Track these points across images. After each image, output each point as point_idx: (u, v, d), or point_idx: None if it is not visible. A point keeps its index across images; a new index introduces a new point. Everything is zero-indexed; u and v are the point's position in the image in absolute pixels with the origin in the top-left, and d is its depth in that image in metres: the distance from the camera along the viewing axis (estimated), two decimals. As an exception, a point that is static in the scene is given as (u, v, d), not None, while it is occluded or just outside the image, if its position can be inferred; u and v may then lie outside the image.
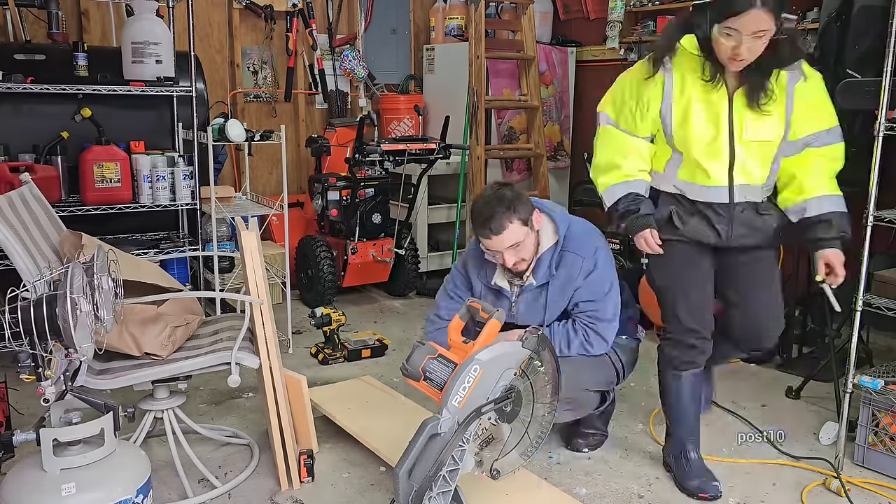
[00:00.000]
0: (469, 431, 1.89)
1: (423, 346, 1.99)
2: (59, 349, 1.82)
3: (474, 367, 1.89)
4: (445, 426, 1.88)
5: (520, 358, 1.94)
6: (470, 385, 1.89)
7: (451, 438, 1.87)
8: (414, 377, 1.96)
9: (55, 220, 2.55)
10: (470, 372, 1.88)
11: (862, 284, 2.62)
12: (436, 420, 1.88)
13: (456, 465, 1.90)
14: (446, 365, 1.96)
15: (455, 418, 1.88)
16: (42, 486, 1.87)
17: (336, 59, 5.23)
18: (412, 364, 1.96)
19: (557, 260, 2.46)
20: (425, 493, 1.86)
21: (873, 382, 2.57)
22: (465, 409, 1.88)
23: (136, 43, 3.66)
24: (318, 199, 4.42)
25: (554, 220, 2.50)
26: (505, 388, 1.93)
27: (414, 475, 1.86)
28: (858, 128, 3.37)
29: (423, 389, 1.98)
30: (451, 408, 1.88)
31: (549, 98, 5.35)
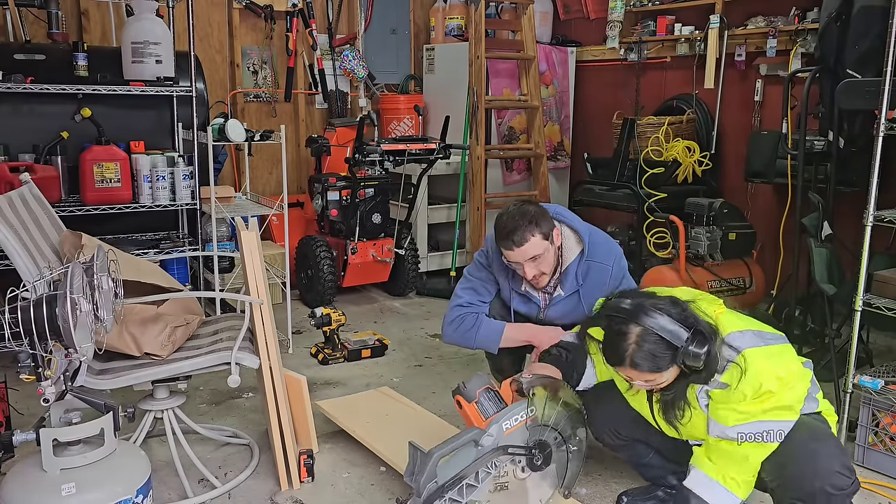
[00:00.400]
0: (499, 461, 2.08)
1: (482, 376, 2.23)
2: (59, 349, 1.82)
3: (530, 409, 2.13)
4: (487, 441, 2.05)
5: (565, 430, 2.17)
6: (520, 421, 2.12)
7: (485, 453, 2.04)
8: (468, 398, 2.16)
9: (55, 220, 2.55)
10: (525, 410, 2.13)
11: (862, 284, 2.62)
12: (482, 432, 2.06)
13: (475, 483, 2.05)
14: (497, 400, 2.18)
15: (496, 441, 2.06)
16: (42, 486, 1.87)
17: (336, 59, 5.23)
18: (471, 388, 2.16)
19: (584, 270, 2.55)
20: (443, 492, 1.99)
21: (873, 382, 2.57)
22: (508, 438, 2.09)
23: (136, 43, 3.66)
24: (318, 199, 4.42)
25: (577, 231, 2.59)
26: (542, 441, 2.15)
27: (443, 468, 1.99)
28: (858, 128, 3.38)
29: (471, 412, 2.16)
30: (497, 430, 2.07)
31: (549, 98, 5.35)
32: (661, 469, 2.35)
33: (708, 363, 1.87)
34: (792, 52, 4.11)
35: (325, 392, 3.24)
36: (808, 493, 1.89)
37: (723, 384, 1.91)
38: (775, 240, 4.16)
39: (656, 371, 1.90)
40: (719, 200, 4.01)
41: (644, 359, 1.88)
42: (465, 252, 5.03)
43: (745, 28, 4.38)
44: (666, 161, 4.33)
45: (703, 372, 1.89)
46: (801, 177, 3.52)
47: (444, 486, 1.98)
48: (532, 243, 2.41)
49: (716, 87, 4.54)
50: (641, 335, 1.88)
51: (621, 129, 4.57)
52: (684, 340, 1.84)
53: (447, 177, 5.04)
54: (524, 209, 2.46)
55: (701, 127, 4.65)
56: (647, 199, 4.20)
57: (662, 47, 4.88)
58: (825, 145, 3.52)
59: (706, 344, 1.85)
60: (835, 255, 3.16)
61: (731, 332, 1.94)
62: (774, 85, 4.35)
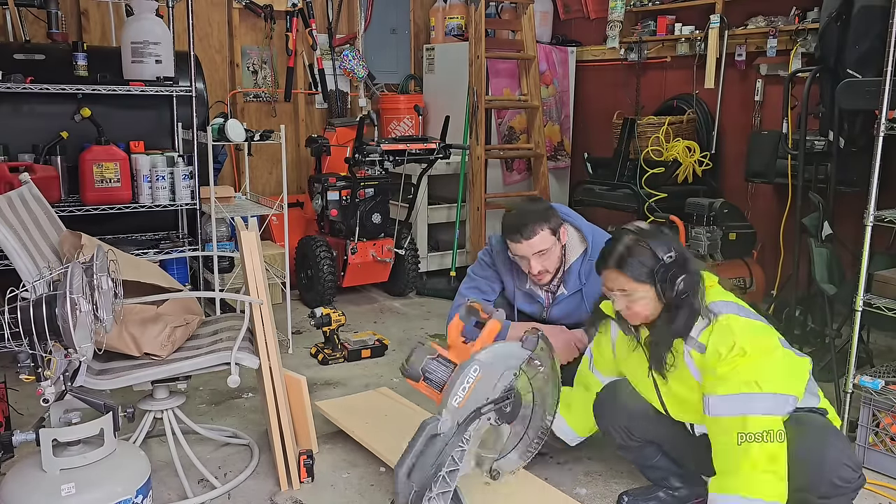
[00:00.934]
0: (469, 432, 1.89)
1: (422, 347, 1.99)
2: (58, 349, 1.82)
3: (474, 368, 1.88)
4: (445, 427, 1.87)
5: (520, 358, 1.94)
6: (470, 385, 1.88)
7: (450, 439, 1.86)
8: (413, 377, 1.96)
9: (55, 220, 2.55)
10: (470, 372, 1.88)
11: (862, 284, 2.62)
12: (435, 420, 1.87)
13: (455, 466, 1.89)
14: (446, 365, 1.96)
15: (455, 419, 1.87)
16: (42, 487, 1.87)
17: (336, 59, 5.23)
18: (412, 364, 1.96)
19: (587, 269, 2.57)
20: (425, 493, 1.85)
21: (873, 382, 2.57)
22: (465, 410, 1.88)
23: (136, 43, 3.66)
24: (318, 199, 4.42)
25: (580, 230, 2.63)
26: (505, 388, 1.93)
27: (413, 475, 1.86)
28: (858, 128, 3.38)
29: (423, 390, 1.98)
30: (451, 408, 1.87)
31: (549, 98, 5.35)
32: (666, 471, 2.34)
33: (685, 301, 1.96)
34: (792, 52, 4.10)
35: (325, 392, 3.24)
36: (815, 482, 1.91)
37: (700, 345, 1.98)
38: (775, 240, 4.16)
39: (635, 279, 1.98)
40: (719, 200, 4.01)
41: (627, 262, 1.99)
42: (465, 252, 5.03)
43: (746, 28, 4.38)
44: (666, 161, 4.33)
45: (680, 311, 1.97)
46: (802, 177, 3.52)
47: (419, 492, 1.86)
48: (541, 237, 2.46)
49: (716, 87, 4.54)
50: (633, 241, 2.01)
51: (621, 129, 4.57)
52: (668, 256, 1.96)
53: (447, 177, 5.04)
54: (533, 205, 2.54)
55: (701, 127, 4.65)
56: (647, 199, 4.20)
57: (662, 47, 4.88)
58: (825, 145, 3.52)
59: (684, 274, 1.96)
60: (835, 255, 3.16)
61: (716, 300, 2.02)
62: (774, 85, 4.35)
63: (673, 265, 1.96)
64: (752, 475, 1.88)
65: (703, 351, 1.98)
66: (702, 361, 1.99)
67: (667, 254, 1.97)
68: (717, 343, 1.94)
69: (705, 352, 1.97)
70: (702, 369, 2.00)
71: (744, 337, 1.93)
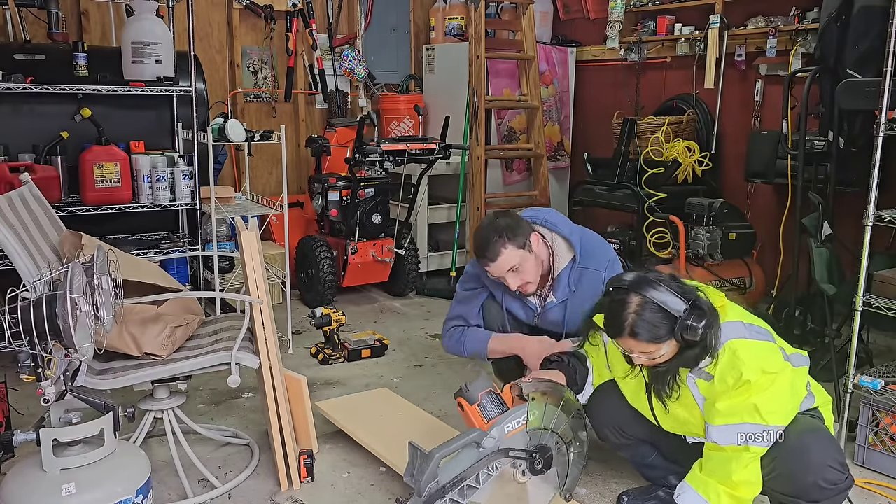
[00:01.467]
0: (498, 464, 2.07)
1: (484, 379, 2.22)
2: (58, 349, 1.82)
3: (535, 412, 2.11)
4: (488, 443, 2.04)
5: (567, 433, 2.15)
6: (521, 424, 2.10)
7: (486, 455, 2.04)
8: (470, 400, 2.15)
9: (55, 220, 2.55)
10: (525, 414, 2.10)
11: (862, 284, 2.62)
12: (484, 434, 2.05)
13: (476, 485, 2.05)
14: (499, 403, 2.17)
15: (498, 443, 2.06)
16: (42, 487, 1.87)
17: (336, 59, 5.23)
18: (473, 390, 2.16)
19: (576, 276, 2.56)
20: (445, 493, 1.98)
21: (873, 382, 2.57)
22: (508, 442, 2.08)
23: (136, 43, 3.66)
24: (318, 199, 4.42)
25: (567, 238, 2.59)
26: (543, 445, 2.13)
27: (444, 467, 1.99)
28: (858, 128, 3.38)
29: (472, 414, 2.15)
30: (499, 432, 2.06)
31: (549, 98, 5.35)
32: (663, 470, 2.34)
33: (704, 338, 1.88)
34: (792, 52, 4.11)
35: (325, 392, 3.24)
36: (801, 487, 1.90)
37: (707, 374, 1.94)
38: (775, 240, 4.16)
39: (655, 341, 1.90)
40: (719, 200, 4.01)
41: (643, 328, 1.89)
42: (465, 252, 5.03)
43: (745, 28, 4.38)
44: (666, 161, 4.33)
45: (698, 348, 1.90)
46: (801, 177, 3.52)
47: (445, 486, 1.98)
48: (505, 256, 2.43)
49: (716, 87, 4.54)
50: (641, 304, 1.89)
51: (621, 129, 4.57)
52: (682, 311, 1.87)
53: (447, 177, 5.04)
54: (495, 223, 2.47)
55: (701, 127, 4.65)
56: (647, 199, 4.20)
57: (662, 47, 4.88)
58: (825, 145, 3.52)
59: (704, 318, 1.87)
60: (835, 255, 3.16)
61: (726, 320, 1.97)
62: (774, 85, 4.35)
63: (690, 314, 1.87)
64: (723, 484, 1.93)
65: (709, 380, 1.94)
66: (708, 389, 1.96)
67: (682, 306, 1.88)
68: (724, 373, 1.91)
69: (712, 381, 1.93)
70: (706, 396, 1.97)
71: (750, 365, 1.88)
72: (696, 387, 1.99)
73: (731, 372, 1.90)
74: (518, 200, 5.21)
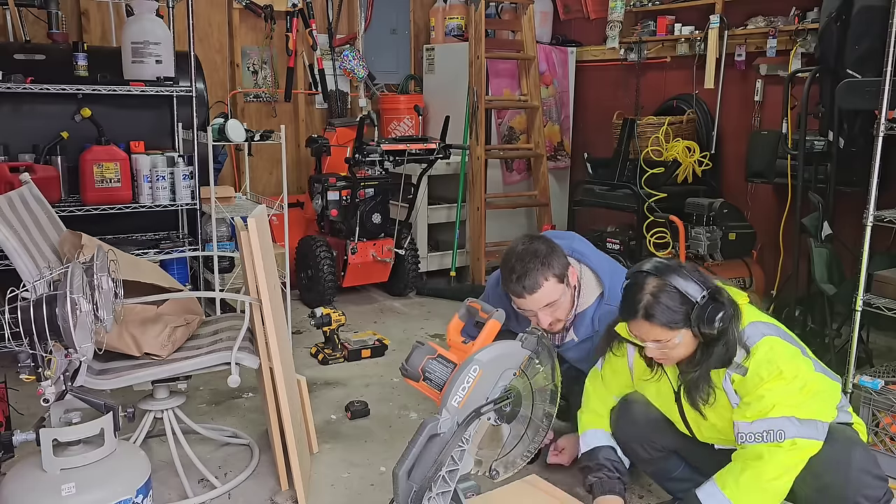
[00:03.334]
0: (468, 432, 1.88)
1: (422, 347, 1.98)
2: (58, 349, 1.82)
3: (473, 368, 1.87)
4: (445, 426, 1.87)
5: (519, 358, 1.93)
6: (469, 385, 1.87)
7: (450, 439, 1.86)
8: (413, 377, 1.95)
9: (55, 220, 2.55)
10: (469, 372, 1.87)
11: (862, 284, 2.62)
12: (435, 420, 1.86)
13: (455, 466, 1.89)
14: (446, 365, 1.95)
15: (454, 418, 1.87)
16: (42, 486, 1.87)
17: (336, 59, 5.23)
18: (411, 364, 1.94)
19: (602, 314, 2.29)
20: (425, 493, 1.85)
21: (873, 382, 2.57)
22: (465, 410, 1.87)
23: (136, 43, 3.66)
24: (318, 199, 4.42)
25: (596, 271, 2.33)
26: (504, 388, 1.92)
27: (413, 475, 1.85)
28: (858, 128, 3.38)
29: (423, 390, 1.97)
30: (451, 408, 1.86)
31: (549, 98, 5.35)
32: (690, 482, 2.19)
33: (724, 334, 1.83)
34: (792, 52, 4.11)
35: (325, 392, 3.24)
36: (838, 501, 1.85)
37: (742, 367, 1.87)
38: (775, 240, 4.16)
39: (669, 326, 1.85)
40: (719, 200, 4.01)
41: (658, 310, 1.84)
42: (465, 252, 5.03)
43: (745, 28, 4.38)
44: (666, 161, 4.33)
45: (719, 344, 1.84)
46: (801, 177, 3.52)
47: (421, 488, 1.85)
48: (546, 289, 2.17)
49: (716, 87, 4.54)
50: (659, 287, 1.86)
51: (621, 129, 4.57)
52: (701, 297, 1.82)
53: (447, 177, 5.04)
54: (534, 248, 2.19)
55: (701, 127, 4.65)
56: (647, 199, 4.20)
57: (662, 47, 4.88)
58: (825, 145, 3.52)
59: (722, 310, 1.82)
60: (835, 255, 3.16)
61: (755, 320, 1.91)
62: (774, 85, 4.35)
63: (708, 302, 1.83)
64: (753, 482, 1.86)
65: (744, 374, 1.88)
66: (741, 384, 1.90)
67: (700, 293, 1.83)
68: (758, 367, 1.86)
69: (746, 375, 1.88)
70: (740, 392, 1.92)
71: (785, 362, 1.85)
72: (730, 385, 1.93)
73: (767, 366, 1.84)
74: (518, 200, 5.21)
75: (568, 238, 2.42)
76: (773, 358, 1.85)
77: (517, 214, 5.29)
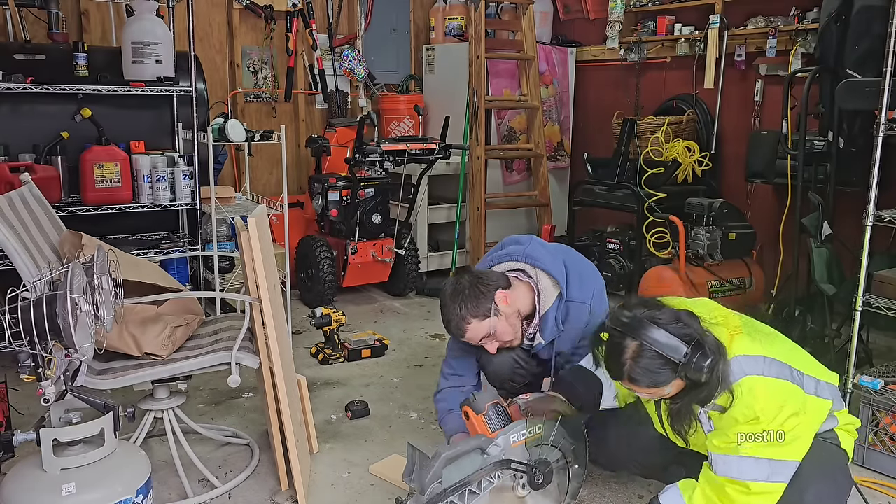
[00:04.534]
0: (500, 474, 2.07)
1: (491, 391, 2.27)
2: (59, 349, 1.82)
3: (539, 426, 2.12)
4: (493, 451, 2.05)
5: (569, 449, 2.18)
6: (529, 436, 2.11)
7: (489, 462, 2.05)
8: (477, 410, 2.15)
9: (55, 220, 2.55)
10: (534, 428, 2.12)
11: (862, 284, 2.62)
12: (490, 441, 2.06)
13: (477, 491, 2.04)
14: (504, 416, 2.18)
15: (503, 452, 2.06)
16: (42, 486, 1.87)
17: (336, 59, 5.23)
18: (480, 400, 2.17)
19: (563, 313, 2.35)
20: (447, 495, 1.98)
21: (873, 382, 2.57)
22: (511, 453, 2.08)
23: (136, 43, 3.66)
24: (318, 199, 4.42)
25: (550, 274, 2.35)
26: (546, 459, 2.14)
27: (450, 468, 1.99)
28: (858, 128, 3.38)
29: (478, 423, 2.15)
30: (505, 441, 2.07)
31: (549, 98, 5.35)
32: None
33: (711, 379, 1.81)
34: (792, 52, 4.11)
35: (325, 392, 3.24)
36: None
37: (719, 407, 1.87)
38: (775, 240, 4.16)
39: (655, 386, 1.86)
40: (719, 200, 4.01)
41: (641, 374, 1.84)
42: (465, 252, 5.03)
43: (745, 28, 4.38)
44: (666, 161, 4.34)
45: (705, 387, 1.83)
46: (801, 177, 3.52)
47: (447, 489, 1.97)
48: (472, 329, 2.27)
49: (716, 87, 4.54)
50: (638, 351, 1.83)
51: (621, 129, 4.57)
52: (683, 355, 1.79)
53: (447, 177, 5.04)
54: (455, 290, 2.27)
55: (701, 127, 4.65)
56: (647, 199, 4.20)
57: (662, 47, 4.88)
58: (825, 145, 3.52)
59: (709, 359, 1.79)
60: (835, 255, 3.17)
61: (739, 354, 1.88)
62: (774, 85, 4.35)
63: (692, 355, 1.79)
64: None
65: (722, 412, 1.88)
66: (718, 419, 1.91)
67: (682, 350, 1.79)
68: (736, 411, 1.84)
69: (724, 413, 1.87)
70: (717, 426, 1.93)
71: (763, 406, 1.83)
72: (707, 419, 1.94)
73: (744, 410, 1.83)
74: (518, 200, 5.21)
75: (525, 243, 2.43)
76: (750, 403, 1.83)
77: (517, 214, 5.29)
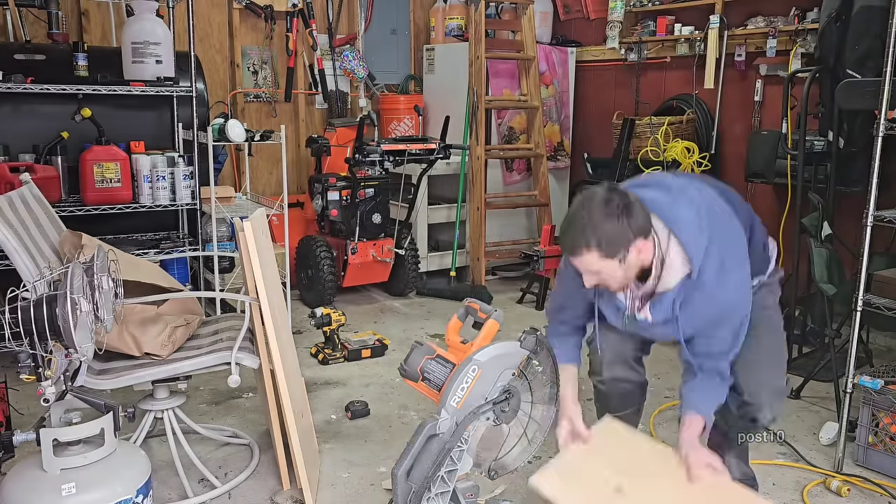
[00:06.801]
0: (467, 432, 1.90)
1: (420, 347, 1.99)
2: (59, 349, 1.82)
3: (472, 368, 1.88)
4: (444, 427, 1.88)
5: (518, 358, 1.94)
6: (468, 385, 1.89)
7: (449, 439, 1.88)
8: (412, 377, 1.97)
9: (55, 220, 2.55)
10: (468, 372, 1.88)
11: (862, 284, 2.62)
12: (434, 421, 1.88)
13: (454, 466, 1.91)
14: (444, 365, 1.96)
15: (453, 419, 1.89)
16: (42, 486, 1.87)
17: (336, 59, 5.23)
18: (410, 364, 1.96)
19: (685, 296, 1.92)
20: (423, 493, 1.86)
21: (873, 382, 2.57)
22: (463, 410, 1.89)
23: (136, 43, 3.66)
24: (318, 199, 4.42)
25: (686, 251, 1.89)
26: (503, 388, 1.93)
27: (412, 476, 1.87)
28: (858, 128, 3.38)
29: (422, 390, 1.99)
30: (450, 408, 1.88)
31: (549, 98, 5.35)
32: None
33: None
34: (792, 52, 4.10)
35: (325, 392, 3.24)
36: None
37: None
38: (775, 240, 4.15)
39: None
40: (719, 200, 3.99)
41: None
42: (465, 252, 5.03)
43: (745, 28, 4.37)
44: (665, 161, 4.34)
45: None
46: (801, 177, 3.52)
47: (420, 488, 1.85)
48: (586, 258, 1.84)
49: (716, 88, 4.54)
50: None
51: (621, 129, 4.57)
52: None
53: (447, 177, 5.04)
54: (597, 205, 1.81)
55: (701, 127, 4.65)
56: (647, 199, 4.19)
57: (662, 47, 4.88)
58: (825, 145, 3.52)
59: None
60: (835, 255, 3.17)
61: None
62: (774, 85, 4.35)
63: None
64: None
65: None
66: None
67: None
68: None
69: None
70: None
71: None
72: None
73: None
74: (518, 200, 5.21)
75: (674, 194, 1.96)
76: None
77: (517, 214, 5.29)
